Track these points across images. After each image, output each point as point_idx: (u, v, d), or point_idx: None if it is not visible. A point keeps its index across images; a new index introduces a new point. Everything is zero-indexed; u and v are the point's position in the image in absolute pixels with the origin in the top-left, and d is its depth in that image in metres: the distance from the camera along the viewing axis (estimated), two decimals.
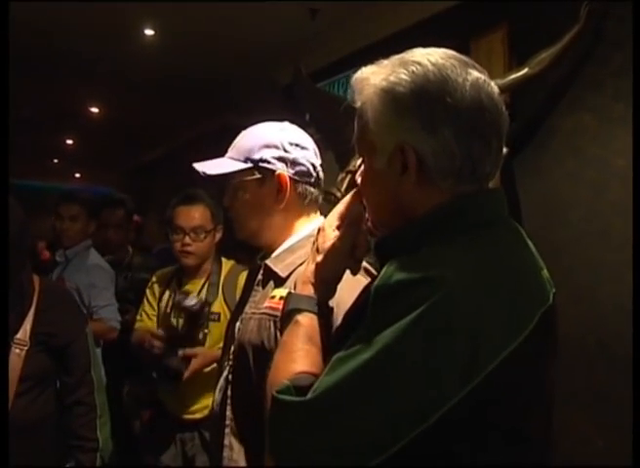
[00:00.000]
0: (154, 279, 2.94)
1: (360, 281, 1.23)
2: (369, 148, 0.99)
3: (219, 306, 2.69)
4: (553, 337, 0.94)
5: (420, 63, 0.95)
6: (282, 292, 1.42)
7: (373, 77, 0.98)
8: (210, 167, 1.54)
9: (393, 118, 0.94)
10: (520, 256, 0.96)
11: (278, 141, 1.52)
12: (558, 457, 1.02)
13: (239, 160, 1.53)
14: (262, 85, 5.19)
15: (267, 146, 1.51)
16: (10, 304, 1.78)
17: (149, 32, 4.71)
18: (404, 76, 0.94)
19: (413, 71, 0.94)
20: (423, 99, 0.92)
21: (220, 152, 1.61)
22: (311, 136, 1.63)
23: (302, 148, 1.55)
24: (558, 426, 1.00)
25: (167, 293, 2.83)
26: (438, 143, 0.92)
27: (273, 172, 1.50)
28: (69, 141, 9.47)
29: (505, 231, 0.98)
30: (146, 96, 6.39)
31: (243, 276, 2.48)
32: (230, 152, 1.57)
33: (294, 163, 1.52)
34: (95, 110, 7.30)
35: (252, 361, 1.42)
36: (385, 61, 1.00)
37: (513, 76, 2.67)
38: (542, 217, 2.72)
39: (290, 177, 1.51)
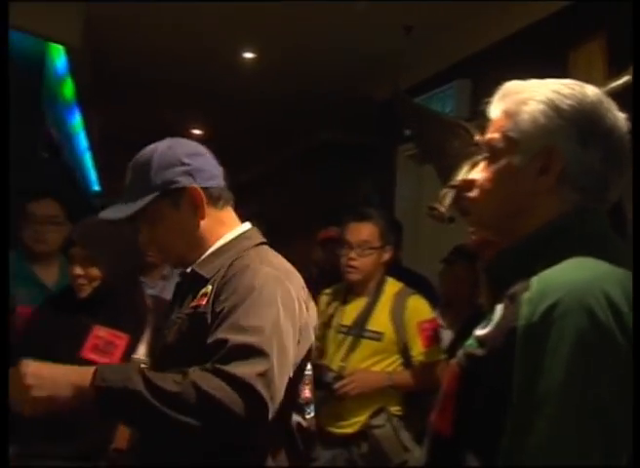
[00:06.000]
0: (324, 295, 2.87)
1: None
2: (508, 146, 1.03)
3: (383, 325, 2.59)
4: None
5: (583, 87, 1.03)
6: (205, 289, 1.41)
7: (532, 87, 1.05)
8: (117, 211, 1.49)
9: (554, 122, 1.00)
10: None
11: (172, 159, 1.47)
12: None
13: (142, 194, 1.45)
14: (358, 102, 5.25)
15: (165, 168, 1.46)
16: (128, 327, 1.82)
17: (248, 55, 4.88)
18: (572, 92, 1.02)
19: (580, 92, 1.02)
20: (587, 116, 1.00)
21: (318, 169, 1.63)
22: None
23: (199, 155, 1.51)
24: None
25: (330, 309, 2.78)
26: (586, 158, 0.99)
27: (184, 189, 1.46)
28: None
29: (617, 244, 1.02)
30: (243, 116, 6.58)
31: (413, 299, 2.58)
32: (127, 194, 1.50)
33: (198, 172, 1.48)
34: (198, 132, 7.58)
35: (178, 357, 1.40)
36: (536, 80, 1.07)
37: (613, 84, 2.59)
38: None
39: (201, 188, 1.47)
